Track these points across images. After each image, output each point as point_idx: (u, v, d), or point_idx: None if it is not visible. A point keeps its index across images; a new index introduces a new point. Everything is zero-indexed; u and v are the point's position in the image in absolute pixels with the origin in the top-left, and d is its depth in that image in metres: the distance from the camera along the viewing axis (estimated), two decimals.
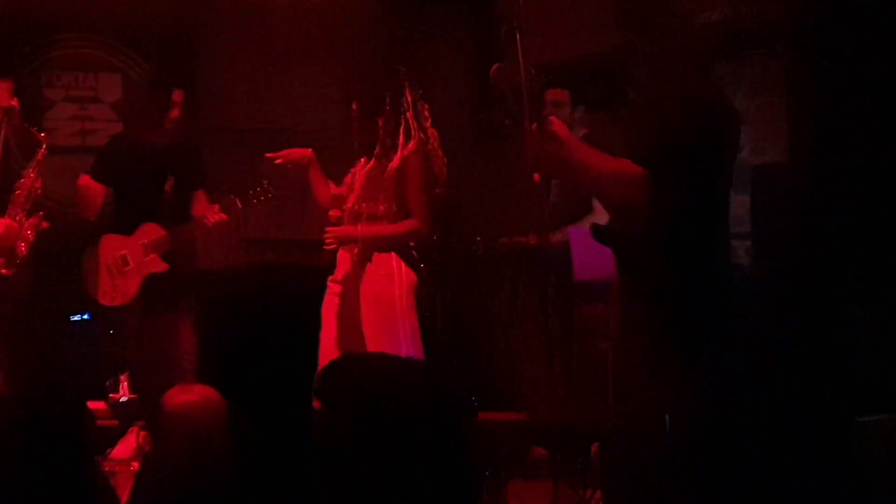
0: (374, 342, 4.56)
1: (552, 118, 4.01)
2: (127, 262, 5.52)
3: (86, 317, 6.30)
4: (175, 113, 5.67)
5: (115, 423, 3.41)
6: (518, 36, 4.18)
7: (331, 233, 4.70)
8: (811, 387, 1.30)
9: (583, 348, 5.11)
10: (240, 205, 5.59)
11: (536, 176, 4.17)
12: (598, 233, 4.78)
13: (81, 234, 5.72)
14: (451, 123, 4.85)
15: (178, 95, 5.70)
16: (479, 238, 5.92)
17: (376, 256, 4.66)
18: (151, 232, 5.53)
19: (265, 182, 5.65)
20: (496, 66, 4.20)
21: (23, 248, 5.23)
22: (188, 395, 2.98)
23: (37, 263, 5.41)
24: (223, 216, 5.51)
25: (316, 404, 2.15)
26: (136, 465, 4.34)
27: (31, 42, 6.89)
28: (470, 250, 6.52)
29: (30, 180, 5.35)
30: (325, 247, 4.73)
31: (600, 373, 4.93)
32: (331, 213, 4.84)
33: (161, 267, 5.48)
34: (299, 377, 2.23)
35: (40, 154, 5.44)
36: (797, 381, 1.30)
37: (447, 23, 7.74)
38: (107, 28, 7.07)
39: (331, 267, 4.79)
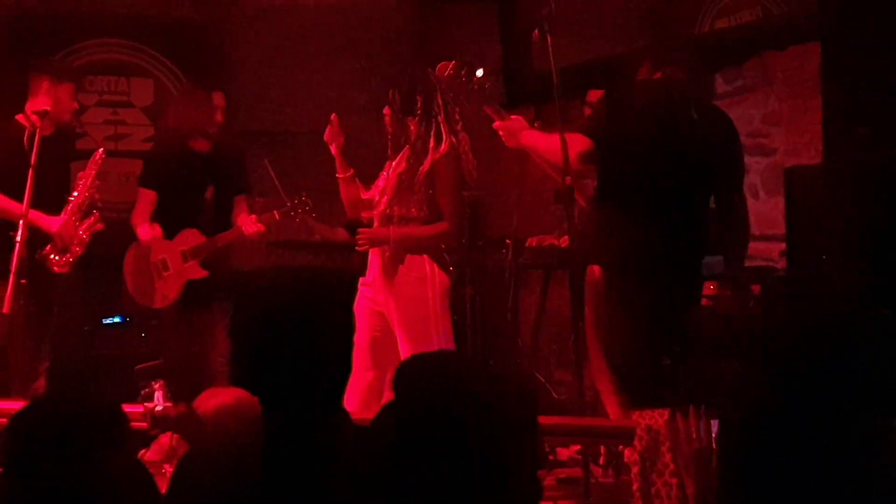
0: (407, 345, 4.57)
1: (513, 118, 4.23)
2: (167, 267, 5.56)
3: (117, 320, 6.34)
4: (218, 117, 5.70)
5: (147, 426, 3.41)
6: (549, 38, 4.21)
7: (363, 234, 4.72)
8: (845, 389, 1.29)
9: None
10: (278, 217, 5.63)
11: (567, 178, 4.20)
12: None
13: (119, 238, 5.75)
14: (479, 126, 4.86)
15: (219, 99, 5.74)
16: (507, 240, 5.90)
17: (409, 259, 4.66)
18: (191, 238, 5.56)
19: (303, 195, 5.68)
20: (439, 65, 4.34)
21: (77, 248, 5.31)
22: (221, 398, 2.99)
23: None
24: (261, 227, 5.55)
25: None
26: (167, 468, 4.35)
27: (64, 47, 6.93)
28: (499, 252, 6.51)
29: (89, 181, 5.45)
30: (356, 248, 4.75)
31: None
32: (362, 214, 4.86)
33: (199, 273, 5.53)
34: (331, 380, 2.22)
35: (98, 157, 5.51)
36: (830, 383, 1.28)
37: (475, 27, 7.74)
38: (138, 32, 7.10)
39: (362, 269, 4.81)
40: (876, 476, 1.36)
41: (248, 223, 5.55)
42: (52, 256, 5.22)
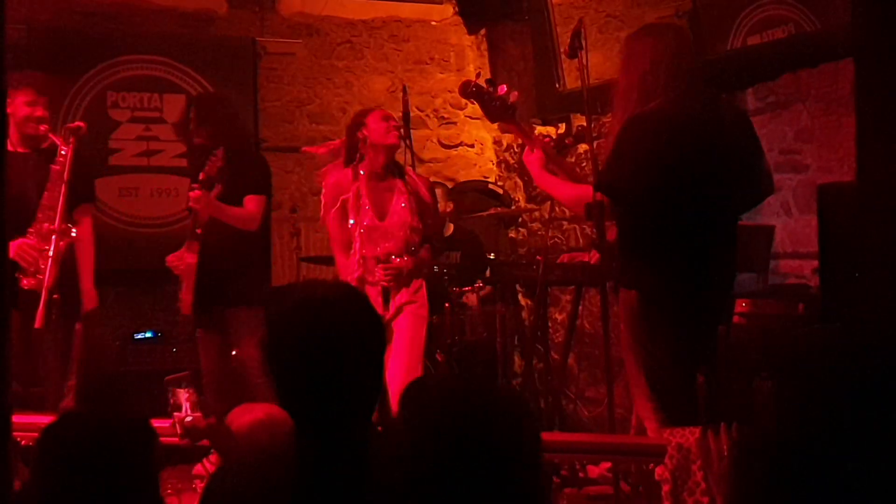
0: (406, 363, 4.72)
1: (527, 151, 4.22)
2: (181, 263, 5.51)
3: (149, 335, 6.36)
4: (192, 125, 5.51)
5: (177, 440, 3.39)
6: (580, 55, 4.20)
7: (389, 269, 4.94)
8: (881, 407, 1.27)
9: None
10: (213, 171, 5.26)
11: (598, 194, 4.18)
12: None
13: (150, 253, 5.77)
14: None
15: (192, 111, 5.58)
16: (538, 256, 5.89)
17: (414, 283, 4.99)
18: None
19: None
20: (463, 81, 4.35)
21: (42, 274, 4.97)
22: (253, 414, 2.99)
23: (102, 281, 5.47)
24: (195, 192, 5.17)
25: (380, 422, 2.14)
26: (198, 484, 4.35)
27: (97, 63, 6.99)
28: (530, 269, 6.50)
29: (59, 209, 5.08)
30: (385, 284, 4.94)
31: None
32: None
33: (193, 258, 5.24)
34: (364, 395, 2.22)
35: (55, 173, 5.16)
36: (866, 402, 1.26)
37: (508, 44, 7.75)
38: (171, 49, 7.16)
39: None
40: None
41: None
42: (20, 278, 5.02)
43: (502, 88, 4.28)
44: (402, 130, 5.12)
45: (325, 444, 2.10)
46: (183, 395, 3.19)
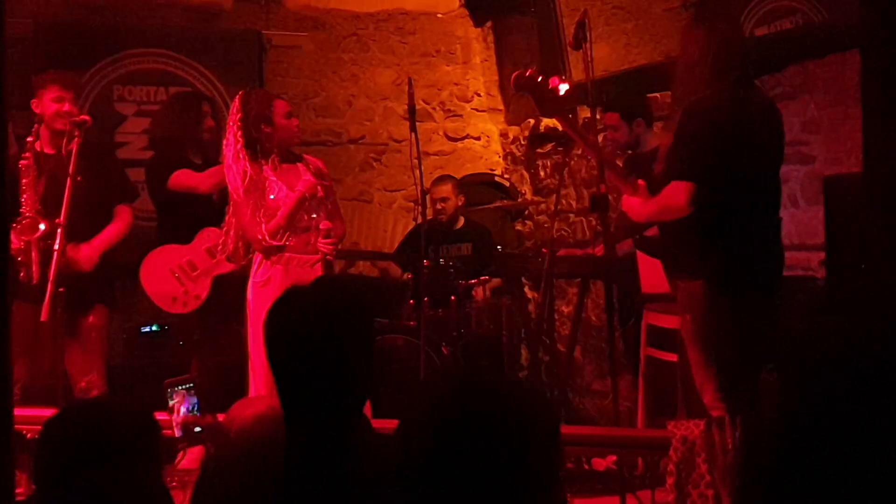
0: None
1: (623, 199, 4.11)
2: (195, 267, 5.54)
3: (155, 328, 6.36)
4: (209, 122, 5.73)
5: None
6: (585, 45, 4.19)
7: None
8: (888, 399, 1.26)
9: (649, 360, 5.06)
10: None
11: (602, 187, 4.17)
12: (642, 243, 4.79)
13: (152, 245, 5.76)
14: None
15: (206, 106, 5.78)
16: (544, 249, 5.88)
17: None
18: (213, 236, 5.52)
19: None
20: (516, 73, 4.17)
21: (28, 265, 5.06)
22: (255, 408, 2.99)
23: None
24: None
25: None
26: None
27: (104, 57, 6.99)
28: (536, 261, 6.49)
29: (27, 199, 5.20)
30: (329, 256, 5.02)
31: (667, 384, 4.87)
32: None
33: (228, 268, 5.47)
34: (355, 388, 2.22)
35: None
36: (872, 394, 1.26)
37: (514, 38, 7.74)
38: (176, 42, 7.15)
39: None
40: None
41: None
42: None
43: (554, 80, 4.12)
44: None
45: (314, 435, 2.11)
46: (178, 397, 3.18)
